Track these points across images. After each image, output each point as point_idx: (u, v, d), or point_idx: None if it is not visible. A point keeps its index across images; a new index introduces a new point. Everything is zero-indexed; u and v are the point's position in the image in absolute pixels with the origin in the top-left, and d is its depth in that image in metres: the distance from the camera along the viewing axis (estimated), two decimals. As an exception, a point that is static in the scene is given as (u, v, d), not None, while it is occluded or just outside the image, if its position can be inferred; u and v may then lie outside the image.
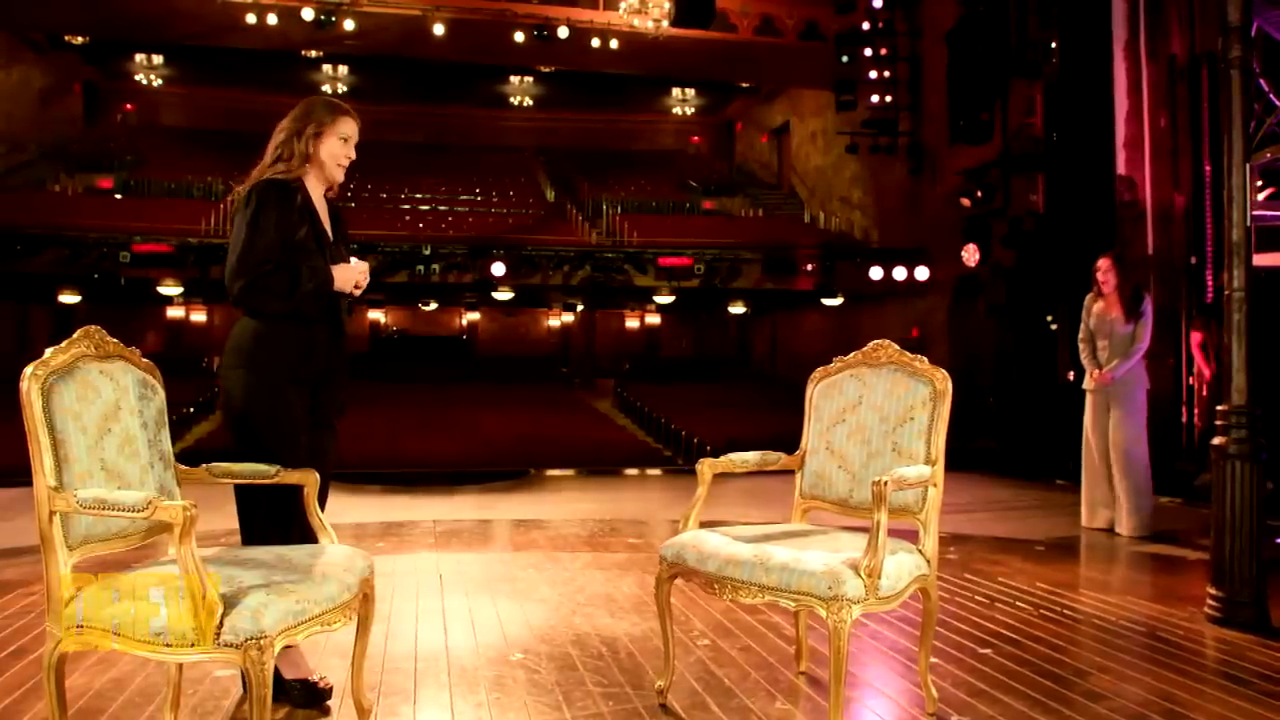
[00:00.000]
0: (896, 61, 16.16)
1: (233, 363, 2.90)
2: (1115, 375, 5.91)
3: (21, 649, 3.38)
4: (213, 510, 2.95)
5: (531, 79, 24.23)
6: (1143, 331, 5.90)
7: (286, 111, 3.09)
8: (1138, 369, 5.94)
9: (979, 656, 3.36)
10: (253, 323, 2.91)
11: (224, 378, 2.93)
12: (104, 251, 14.27)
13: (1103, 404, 6.03)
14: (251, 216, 2.87)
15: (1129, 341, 5.92)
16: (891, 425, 2.89)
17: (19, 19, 17.27)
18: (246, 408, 2.87)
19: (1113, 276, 6.01)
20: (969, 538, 5.82)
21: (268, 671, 2.10)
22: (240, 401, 2.87)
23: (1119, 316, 5.95)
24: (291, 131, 2.97)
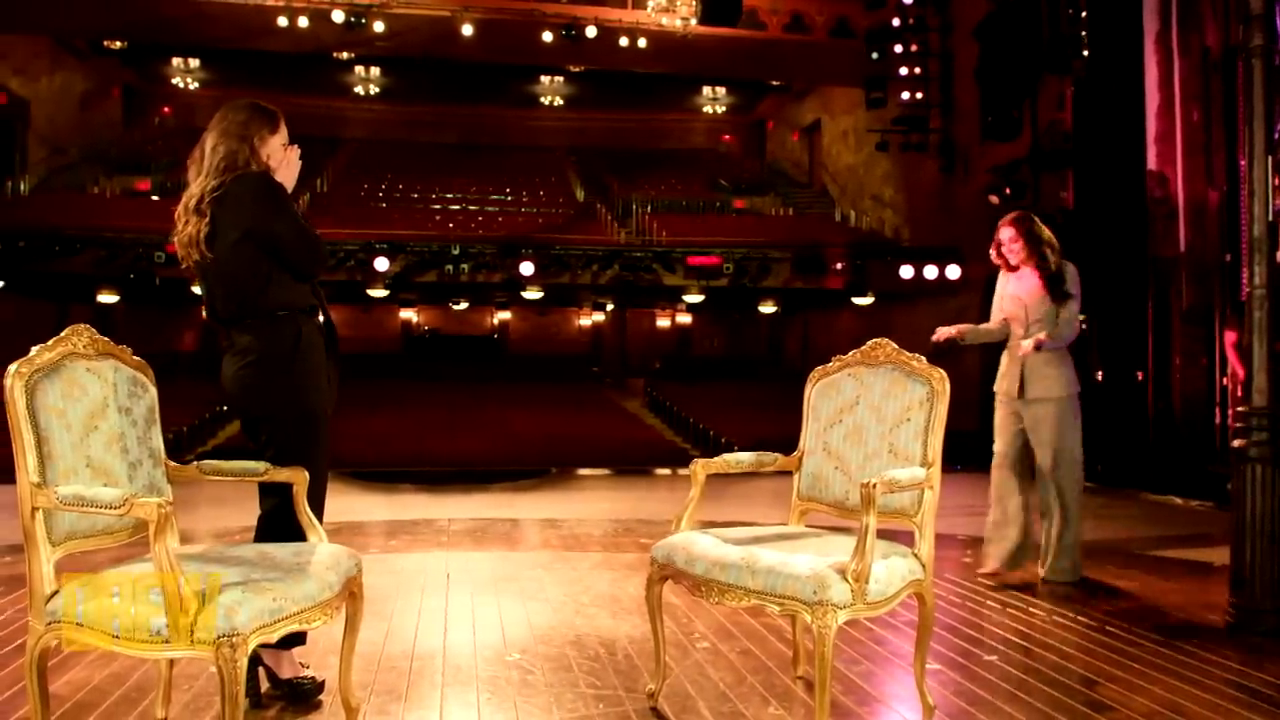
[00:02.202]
0: (927, 58, 15.97)
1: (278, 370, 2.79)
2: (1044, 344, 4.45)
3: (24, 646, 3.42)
4: (232, 507, 2.96)
5: (562, 79, 24.26)
6: (1069, 315, 4.54)
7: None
8: (1064, 370, 4.56)
9: (984, 663, 3.29)
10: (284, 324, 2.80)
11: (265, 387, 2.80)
12: (139, 252, 14.50)
13: (1014, 414, 4.63)
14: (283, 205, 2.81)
15: (1051, 328, 4.54)
16: (889, 426, 2.83)
17: (61, 25, 17.64)
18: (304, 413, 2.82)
19: (1020, 246, 4.58)
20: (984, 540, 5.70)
21: (240, 669, 2.09)
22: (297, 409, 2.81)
23: (1038, 295, 4.56)
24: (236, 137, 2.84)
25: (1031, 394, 4.55)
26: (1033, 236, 4.58)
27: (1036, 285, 4.57)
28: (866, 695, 2.99)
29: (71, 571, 2.30)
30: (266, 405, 2.82)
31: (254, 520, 2.96)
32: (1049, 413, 4.51)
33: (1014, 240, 4.61)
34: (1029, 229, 4.60)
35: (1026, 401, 4.57)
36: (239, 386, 2.81)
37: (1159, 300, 9.53)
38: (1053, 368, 4.53)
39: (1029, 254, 4.58)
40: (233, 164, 2.80)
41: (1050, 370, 4.52)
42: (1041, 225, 4.62)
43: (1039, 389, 4.53)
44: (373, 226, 17.57)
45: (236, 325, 2.81)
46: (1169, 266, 9.41)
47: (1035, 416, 4.55)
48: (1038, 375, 4.53)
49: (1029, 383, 4.56)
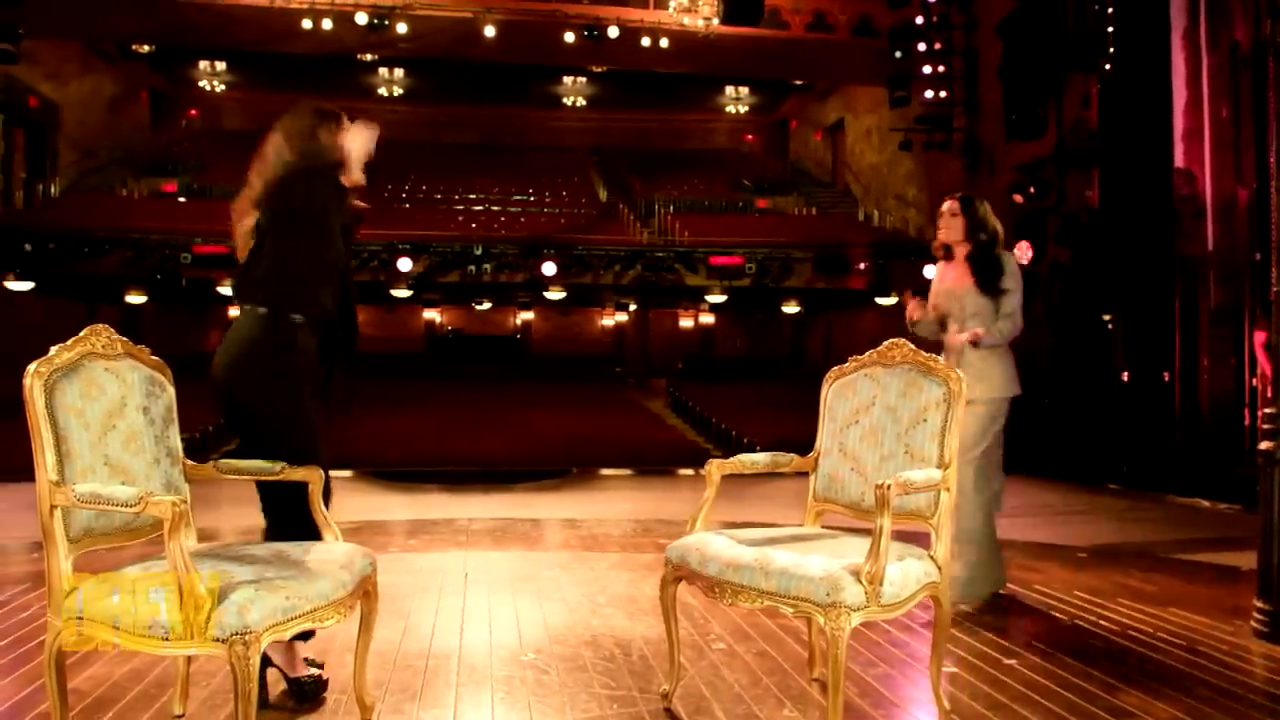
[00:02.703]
0: (951, 56, 15.84)
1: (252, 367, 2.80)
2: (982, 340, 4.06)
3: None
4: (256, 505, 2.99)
5: (584, 79, 24.29)
6: (1010, 309, 4.10)
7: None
8: (1005, 370, 4.15)
9: (1003, 668, 3.25)
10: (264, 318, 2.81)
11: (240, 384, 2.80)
12: (166, 253, 14.69)
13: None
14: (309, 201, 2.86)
15: (990, 324, 4.12)
16: (904, 427, 2.81)
17: (91, 30, 17.88)
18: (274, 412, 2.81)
19: (958, 225, 4.18)
20: (1009, 543, 5.63)
21: (253, 666, 2.10)
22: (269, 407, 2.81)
23: (971, 287, 4.16)
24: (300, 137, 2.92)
25: (969, 394, 4.27)
26: (975, 218, 4.18)
27: (969, 276, 4.17)
28: (882, 698, 2.96)
29: (94, 570, 2.33)
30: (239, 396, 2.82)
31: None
32: (977, 415, 4.04)
33: (954, 215, 4.22)
34: (973, 208, 4.21)
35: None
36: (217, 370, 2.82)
37: (1186, 300, 9.41)
38: (995, 368, 4.12)
39: (965, 235, 4.18)
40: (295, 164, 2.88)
41: (993, 371, 4.11)
42: (989, 211, 4.25)
43: (977, 389, 3.99)
44: (396, 227, 17.67)
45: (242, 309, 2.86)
46: (1196, 265, 9.29)
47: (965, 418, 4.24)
48: (976, 375, 3.99)
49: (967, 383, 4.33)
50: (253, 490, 2.91)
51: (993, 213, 4.24)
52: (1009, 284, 4.12)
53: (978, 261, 4.13)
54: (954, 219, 4.20)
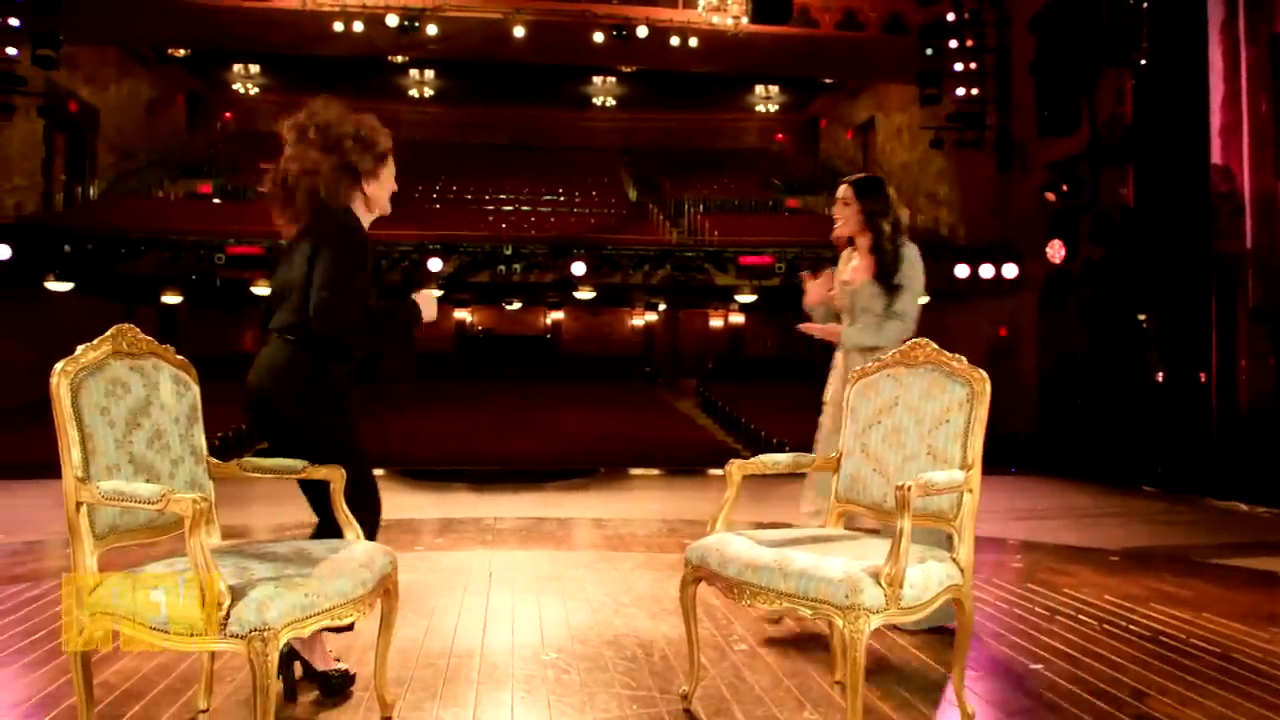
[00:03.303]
0: (983, 53, 15.66)
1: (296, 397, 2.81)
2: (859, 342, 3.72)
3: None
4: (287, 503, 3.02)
5: (614, 79, 24.31)
6: (902, 304, 3.68)
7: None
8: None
9: (1029, 673, 3.20)
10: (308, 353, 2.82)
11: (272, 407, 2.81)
12: (201, 254, 14.87)
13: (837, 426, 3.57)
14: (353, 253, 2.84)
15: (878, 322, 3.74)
16: (927, 428, 2.77)
17: (130, 35, 18.20)
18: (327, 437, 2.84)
19: (854, 213, 3.75)
20: (1038, 545, 5.59)
21: (271, 663, 2.12)
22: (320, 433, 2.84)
23: (868, 281, 3.73)
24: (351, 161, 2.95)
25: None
26: (871, 204, 3.71)
27: (867, 269, 3.73)
28: (904, 701, 2.93)
29: (124, 566, 2.37)
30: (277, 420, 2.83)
31: (307, 515, 3.01)
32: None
33: (847, 204, 3.76)
34: (869, 194, 3.74)
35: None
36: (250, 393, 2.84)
37: (1223, 298, 9.23)
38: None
39: (861, 226, 3.73)
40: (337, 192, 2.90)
41: None
42: (893, 197, 3.77)
43: None
44: (427, 227, 17.79)
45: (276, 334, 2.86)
46: (1234, 263, 9.11)
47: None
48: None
49: (835, 382, 3.79)
50: (285, 488, 2.94)
51: (896, 197, 3.78)
52: (905, 279, 3.67)
53: (877, 253, 3.69)
54: (847, 208, 3.75)
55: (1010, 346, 15.18)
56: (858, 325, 3.70)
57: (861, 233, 3.73)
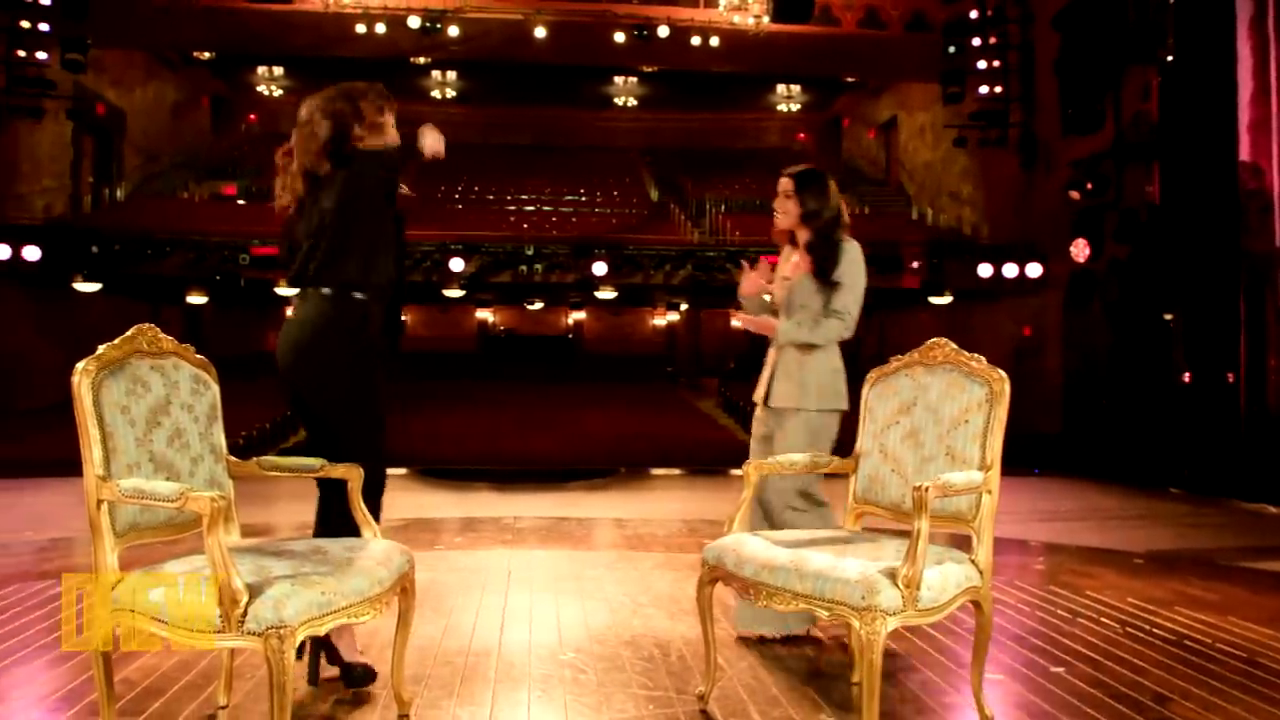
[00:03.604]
0: (1007, 50, 15.54)
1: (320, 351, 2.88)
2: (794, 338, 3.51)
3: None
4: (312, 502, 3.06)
5: (635, 79, 24.32)
6: (842, 302, 3.48)
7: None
8: (825, 378, 3.51)
9: (1050, 676, 3.17)
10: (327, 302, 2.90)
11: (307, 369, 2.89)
12: (225, 254, 15.00)
13: (763, 426, 3.68)
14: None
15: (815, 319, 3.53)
16: (946, 428, 2.75)
17: (156, 39, 18.43)
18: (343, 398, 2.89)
19: (794, 205, 3.57)
20: (1061, 547, 5.53)
21: (288, 660, 2.13)
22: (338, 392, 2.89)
23: (806, 276, 3.55)
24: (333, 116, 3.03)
25: (776, 399, 3.55)
26: (812, 198, 3.54)
27: (806, 264, 3.56)
28: (923, 704, 2.91)
29: (144, 563, 2.40)
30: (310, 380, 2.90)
31: None
32: (791, 429, 3.51)
33: (788, 196, 3.58)
34: (810, 187, 3.56)
35: (772, 410, 3.60)
36: (284, 357, 2.93)
37: (1252, 297, 9.10)
38: (814, 375, 3.50)
39: (800, 219, 3.55)
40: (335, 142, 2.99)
41: (811, 378, 3.49)
42: (833, 191, 3.59)
43: (786, 394, 3.51)
44: (449, 227, 17.85)
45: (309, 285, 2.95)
46: (1264, 262, 8.98)
47: (780, 430, 3.55)
48: (793, 381, 3.52)
49: (776, 384, 3.57)
50: (310, 486, 2.97)
51: (837, 191, 3.61)
52: (845, 276, 3.48)
53: (815, 249, 3.52)
54: (788, 200, 3.57)
55: (1035, 346, 15.05)
56: (794, 320, 3.53)
57: (801, 227, 3.57)
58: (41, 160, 16.17)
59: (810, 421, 3.48)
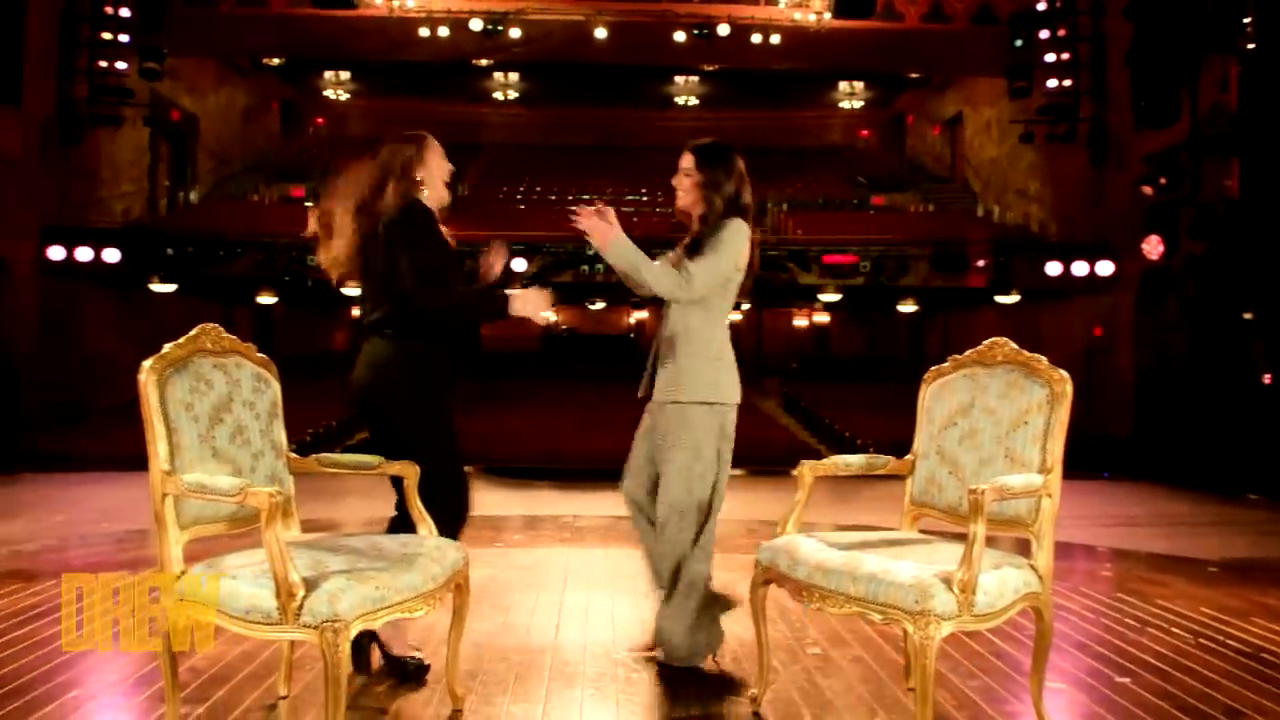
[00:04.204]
0: (1076, 42, 15.12)
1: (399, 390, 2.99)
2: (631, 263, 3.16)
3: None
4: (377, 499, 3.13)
5: (696, 79, 24.24)
6: (697, 267, 3.12)
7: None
8: (704, 371, 3.18)
9: (1115, 686, 3.08)
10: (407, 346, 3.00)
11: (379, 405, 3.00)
12: (293, 255, 15.33)
13: (648, 422, 3.39)
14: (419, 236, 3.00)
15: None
16: (1005, 430, 2.69)
17: (227, 47, 18.97)
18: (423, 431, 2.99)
19: (693, 185, 3.27)
20: (1130, 554, 5.37)
21: (343, 653, 2.17)
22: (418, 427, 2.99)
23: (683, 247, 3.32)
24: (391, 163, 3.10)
25: (659, 393, 3.26)
26: (711, 175, 3.23)
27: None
28: (981, 711, 2.85)
29: (209, 556, 2.47)
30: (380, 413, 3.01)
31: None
32: (663, 421, 3.23)
33: (689, 173, 3.27)
34: (710, 163, 3.26)
35: (657, 403, 3.29)
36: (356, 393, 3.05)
37: (1337, 296, 8.73)
38: (693, 366, 3.18)
39: (699, 198, 3.24)
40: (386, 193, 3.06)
41: (686, 365, 3.18)
42: (740, 168, 3.28)
43: (662, 386, 3.22)
44: (511, 228, 18.01)
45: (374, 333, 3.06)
46: (1350, 259, 8.61)
47: (662, 425, 3.26)
48: (664, 369, 3.23)
49: (658, 377, 3.27)
50: (376, 483, 3.04)
51: (744, 173, 3.29)
52: (710, 247, 3.14)
53: (701, 228, 3.22)
54: (686, 178, 3.27)
55: (1105, 346, 14.65)
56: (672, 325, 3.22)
57: (697, 204, 3.26)
58: (120, 166, 16.73)
59: (687, 415, 3.16)
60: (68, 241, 13.75)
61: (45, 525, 6.51)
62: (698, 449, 3.18)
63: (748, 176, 3.29)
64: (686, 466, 3.19)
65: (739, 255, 3.18)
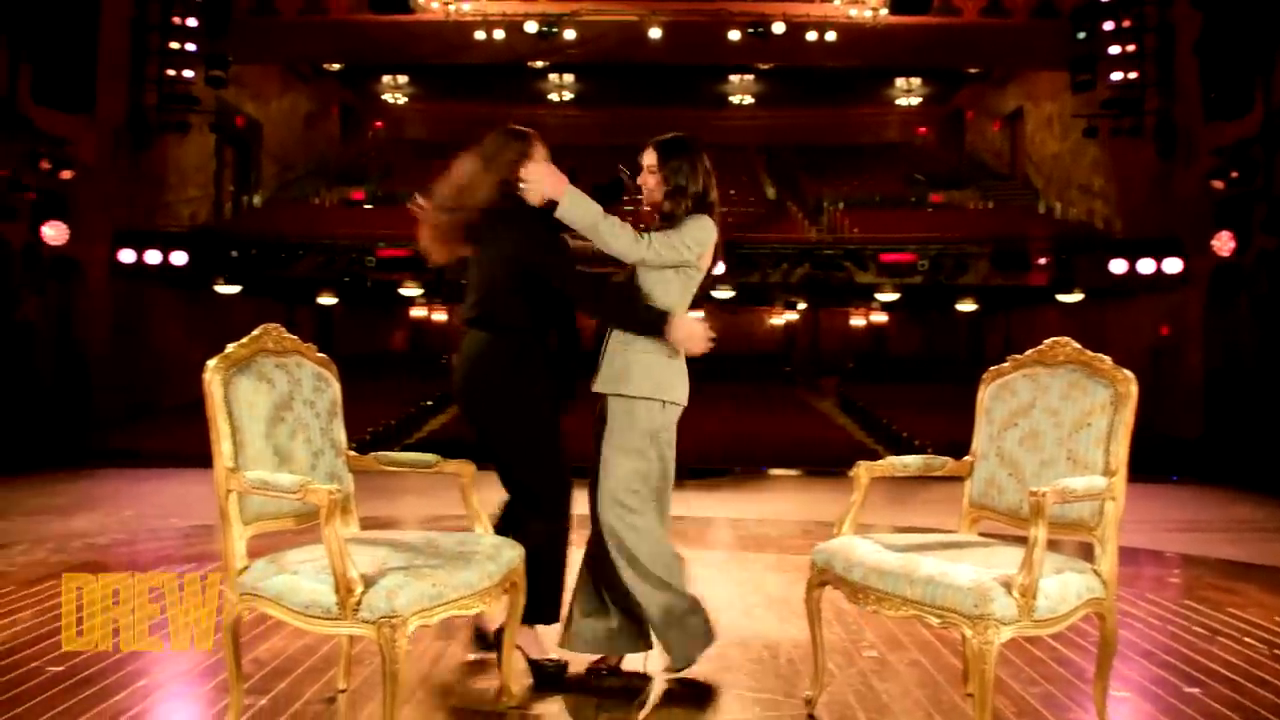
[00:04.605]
0: (1142, 33, 14.72)
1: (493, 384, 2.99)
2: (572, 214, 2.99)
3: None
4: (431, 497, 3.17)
5: (752, 77, 24.15)
6: (658, 236, 3.01)
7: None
8: (646, 367, 3.05)
9: (1184, 696, 2.99)
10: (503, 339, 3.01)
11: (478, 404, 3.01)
12: (353, 257, 15.61)
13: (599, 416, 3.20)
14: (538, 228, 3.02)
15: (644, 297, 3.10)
16: (1067, 431, 2.63)
17: (289, 54, 19.40)
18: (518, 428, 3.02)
19: (657, 182, 3.14)
20: (1199, 560, 5.22)
21: (399, 648, 2.21)
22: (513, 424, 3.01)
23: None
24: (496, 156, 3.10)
25: (600, 383, 3.11)
26: (673, 171, 3.10)
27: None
28: (1042, 719, 2.79)
29: (271, 551, 2.53)
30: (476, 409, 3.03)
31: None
32: (610, 417, 3.10)
33: (652, 170, 3.15)
34: (673, 157, 3.12)
35: (604, 395, 3.13)
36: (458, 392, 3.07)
37: None
38: (637, 353, 3.06)
39: (665, 194, 3.12)
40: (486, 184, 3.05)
41: (633, 357, 3.05)
42: (705, 164, 3.16)
43: (606, 379, 3.09)
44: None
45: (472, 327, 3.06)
46: None
47: (607, 418, 3.12)
48: (610, 362, 3.09)
49: (603, 366, 3.12)
50: (435, 481, 3.08)
51: (709, 169, 3.17)
52: (674, 232, 3.02)
53: (670, 210, 3.11)
54: (651, 176, 3.16)
55: (1173, 345, 14.24)
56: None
57: (663, 202, 3.14)
58: (187, 171, 17.18)
59: (632, 410, 3.05)
60: (138, 245, 14.16)
61: (115, 519, 6.72)
62: (640, 444, 3.07)
63: (714, 171, 3.18)
64: (627, 460, 3.08)
65: (701, 245, 3.07)
